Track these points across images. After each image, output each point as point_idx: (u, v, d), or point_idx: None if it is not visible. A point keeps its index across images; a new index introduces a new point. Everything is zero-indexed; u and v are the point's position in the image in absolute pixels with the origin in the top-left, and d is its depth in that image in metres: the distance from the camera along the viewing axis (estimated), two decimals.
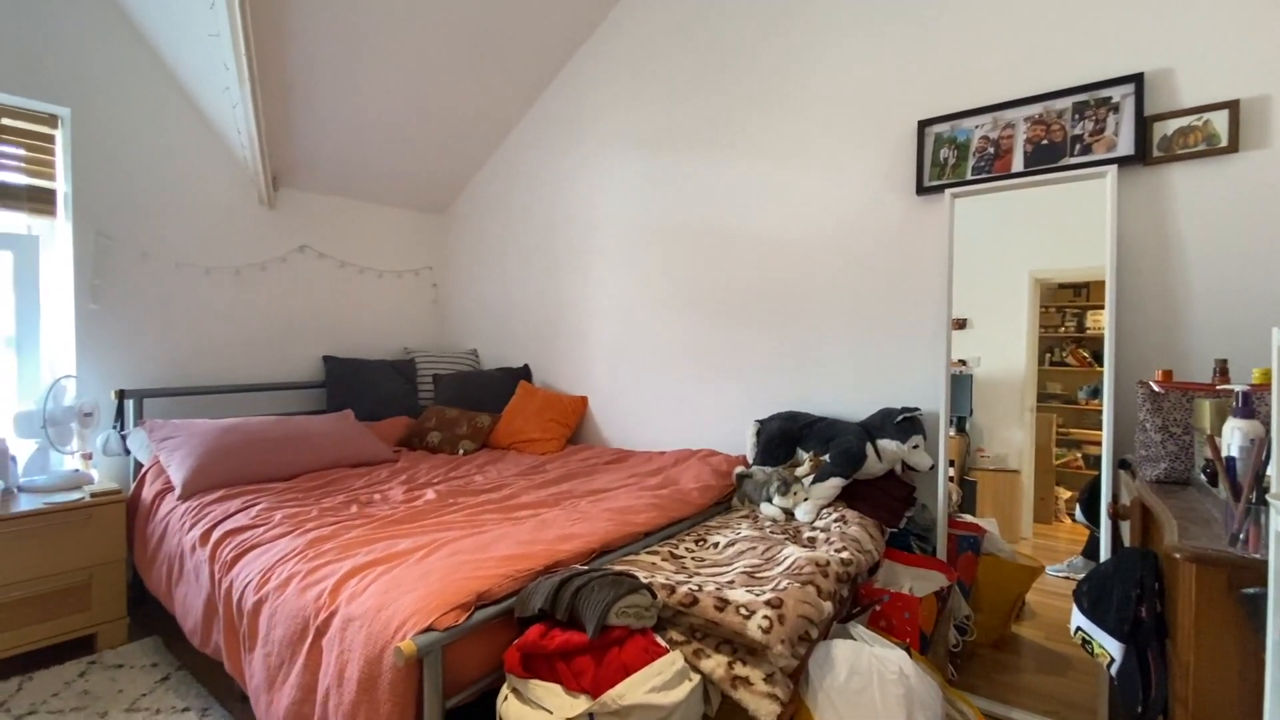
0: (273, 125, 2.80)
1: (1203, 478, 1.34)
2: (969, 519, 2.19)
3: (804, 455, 2.15)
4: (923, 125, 2.19)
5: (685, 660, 1.22)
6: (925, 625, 1.65)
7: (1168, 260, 1.83)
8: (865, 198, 2.35)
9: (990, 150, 2.06)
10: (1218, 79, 1.75)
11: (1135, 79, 1.83)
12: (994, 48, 2.09)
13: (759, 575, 1.50)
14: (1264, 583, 0.86)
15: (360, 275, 3.51)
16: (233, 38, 2.25)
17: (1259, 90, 1.70)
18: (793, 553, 1.59)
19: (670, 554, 1.67)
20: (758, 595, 1.32)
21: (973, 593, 2.07)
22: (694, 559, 1.67)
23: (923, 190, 2.19)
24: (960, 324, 2.18)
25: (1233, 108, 1.72)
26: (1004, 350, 2.23)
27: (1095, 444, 1.93)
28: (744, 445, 2.48)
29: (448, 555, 1.49)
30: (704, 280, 2.78)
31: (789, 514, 1.97)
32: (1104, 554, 1.79)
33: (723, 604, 1.27)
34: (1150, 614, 1.17)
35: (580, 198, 3.23)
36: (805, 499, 1.97)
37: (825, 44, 2.43)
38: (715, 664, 1.23)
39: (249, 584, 1.57)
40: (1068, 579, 2.13)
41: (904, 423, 2.06)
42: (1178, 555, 0.99)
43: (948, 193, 2.11)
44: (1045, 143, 1.97)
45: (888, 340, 2.30)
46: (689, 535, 1.84)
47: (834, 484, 1.98)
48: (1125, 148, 1.84)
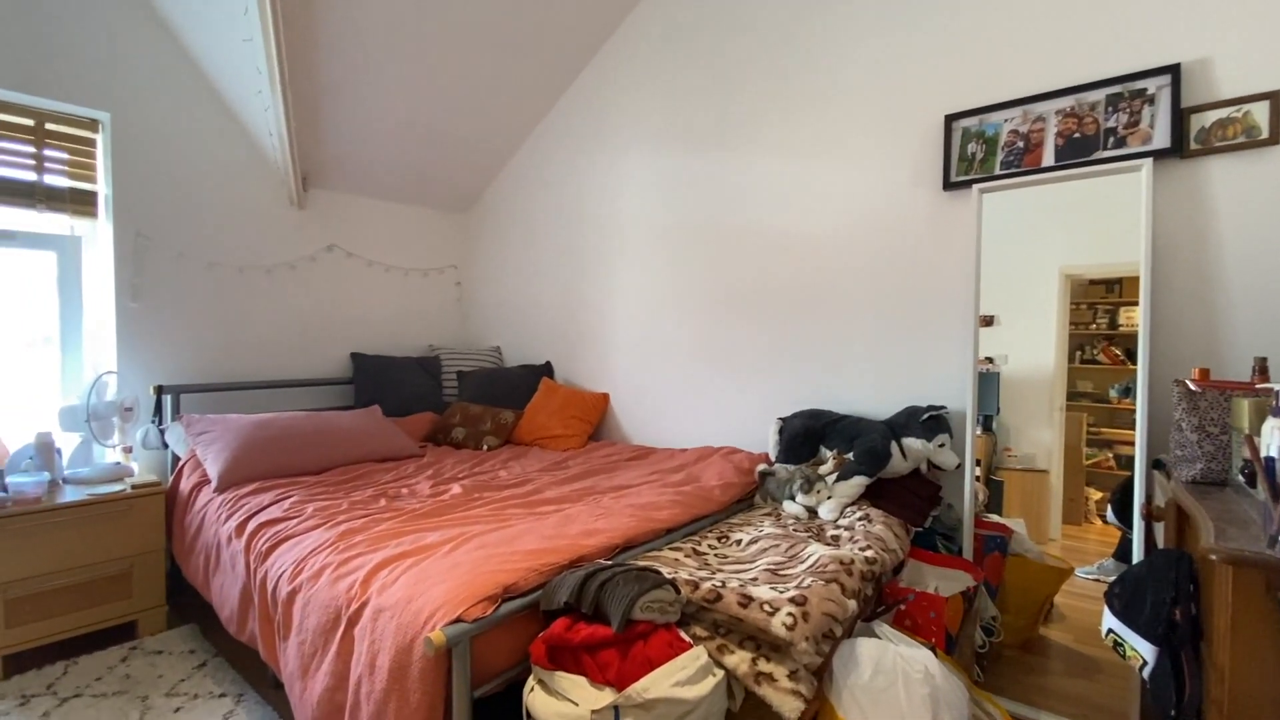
0: (302, 127, 2.86)
1: (1240, 479, 1.31)
2: (996, 519, 2.16)
3: (827, 453, 2.14)
4: (949, 119, 2.16)
5: (709, 656, 1.23)
6: (951, 625, 1.63)
7: (1205, 255, 1.78)
8: (890, 194, 2.32)
9: (1020, 144, 2.03)
10: (1258, 69, 1.70)
11: (1171, 70, 1.79)
12: (1023, 40, 2.05)
13: (782, 573, 1.50)
14: None
15: (387, 274, 3.57)
16: (264, 43, 2.31)
17: None
18: (816, 550, 1.59)
19: (693, 550, 1.68)
20: (781, 592, 1.32)
21: (1000, 594, 2.04)
22: (716, 556, 1.67)
23: (949, 186, 2.16)
24: (987, 321, 2.15)
25: (1273, 99, 1.67)
26: (1032, 348, 2.19)
27: (1128, 444, 1.89)
28: (766, 443, 2.47)
29: (475, 548, 1.52)
30: (726, 277, 2.78)
31: (812, 512, 1.97)
32: (1136, 556, 1.76)
33: (746, 600, 1.28)
34: (1185, 616, 1.15)
35: (602, 196, 3.25)
36: (829, 497, 1.96)
37: (849, 38, 2.41)
38: (739, 660, 1.24)
39: (283, 574, 1.61)
40: (1098, 581, 2.09)
41: (930, 421, 2.04)
42: (1214, 557, 0.97)
43: (975, 188, 2.08)
44: (1077, 136, 1.93)
45: (913, 338, 2.27)
46: (711, 532, 1.85)
47: (858, 482, 1.97)
48: (1161, 140, 1.80)
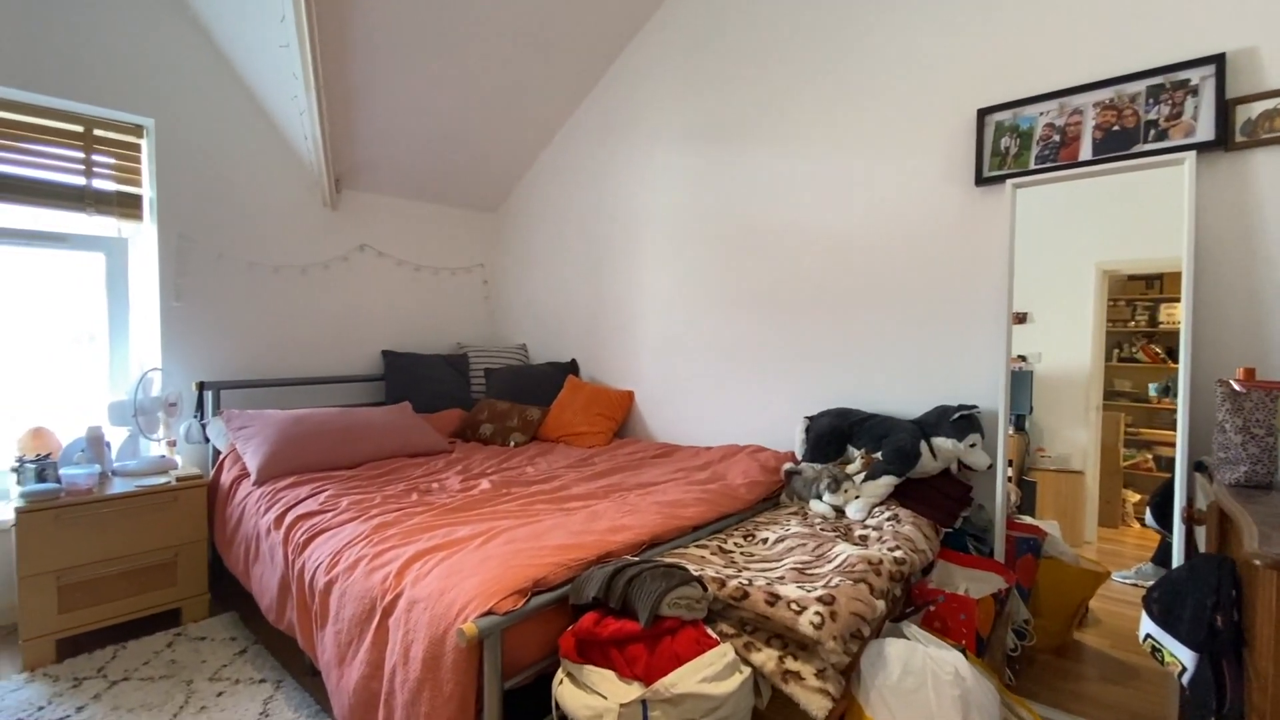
0: (336, 130, 2.93)
1: None
2: (1029, 521, 2.12)
3: (855, 452, 2.12)
4: (982, 113, 2.12)
5: (736, 653, 1.24)
6: (982, 628, 1.61)
7: (1251, 250, 1.72)
8: (920, 190, 2.29)
9: (1055, 138, 1.98)
10: None
11: (1216, 60, 1.73)
12: (1060, 31, 2.00)
13: (809, 572, 1.50)
14: None
15: (416, 273, 3.63)
16: (300, 48, 2.37)
17: None
18: (844, 550, 1.58)
19: (719, 548, 1.69)
20: (809, 591, 1.32)
21: (1032, 597, 2.01)
22: (743, 554, 1.68)
23: (982, 181, 2.12)
24: (1020, 318, 2.11)
25: None
26: (1067, 345, 2.14)
27: (1168, 445, 1.84)
28: (792, 442, 2.46)
29: (505, 543, 1.55)
30: (752, 274, 2.77)
31: (839, 511, 1.96)
32: (1176, 560, 1.71)
33: (774, 599, 1.28)
34: (1227, 623, 1.12)
35: (628, 194, 3.26)
36: (856, 497, 1.95)
37: (880, 31, 2.37)
38: (766, 657, 1.24)
39: (320, 565, 1.66)
40: (1136, 586, 2.04)
41: (961, 420, 2.01)
42: (1258, 562, 0.95)
43: (1009, 183, 2.04)
44: (1116, 129, 1.88)
45: (944, 336, 2.24)
46: (737, 530, 1.85)
47: (886, 482, 1.95)
48: (1205, 133, 1.74)
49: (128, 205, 2.71)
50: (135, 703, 1.85)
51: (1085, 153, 1.93)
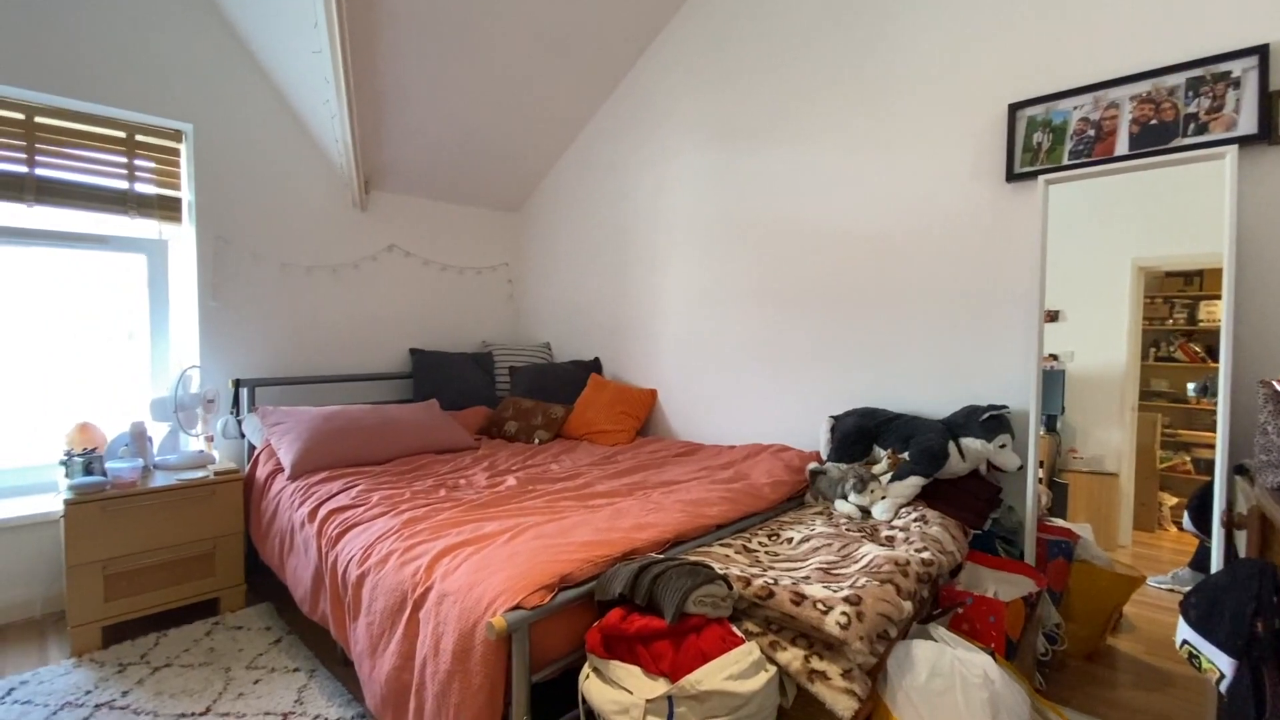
0: (365, 133, 2.99)
1: None
2: (1060, 523, 2.08)
3: (881, 453, 2.10)
4: (1014, 108, 2.08)
5: (761, 651, 1.24)
6: (1011, 631, 1.59)
7: None
8: (949, 186, 2.25)
9: (1090, 133, 1.94)
10: None
11: (1259, 50, 1.67)
12: (1095, 22, 1.95)
13: (835, 572, 1.49)
14: None
15: (442, 272, 3.69)
16: (332, 54, 2.42)
17: None
18: (870, 551, 1.57)
19: (743, 547, 1.69)
20: (835, 591, 1.32)
21: (1064, 601, 1.97)
22: (767, 553, 1.68)
23: (1013, 177, 2.09)
24: (1052, 316, 2.07)
25: None
26: (1101, 344, 2.09)
27: (1207, 447, 1.79)
28: (817, 441, 2.45)
29: (532, 539, 1.57)
30: (776, 273, 2.76)
31: (865, 512, 1.94)
32: (1215, 565, 1.67)
33: (799, 598, 1.28)
34: (1268, 629, 1.09)
35: (650, 192, 3.27)
36: (883, 497, 1.93)
37: (906, 24, 2.34)
38: (792, 656, 1.24)
39: (352, 559, 1.71)
40: (1172, 591, 1.99)
41: (990, 420, 1.98)
42: None
43: (1041, 179, 2.00)
44: (1154, 123, 1.83)
45: (973, 334, 2.21)
46: (761, 530, 1.85)
47: (913, 483, 1.93)
48: (1247, 126, 1.69)
49: (168, 208, 2.80)
50: (177, 688, 1.92)
51: (1122, 147, 1.88)
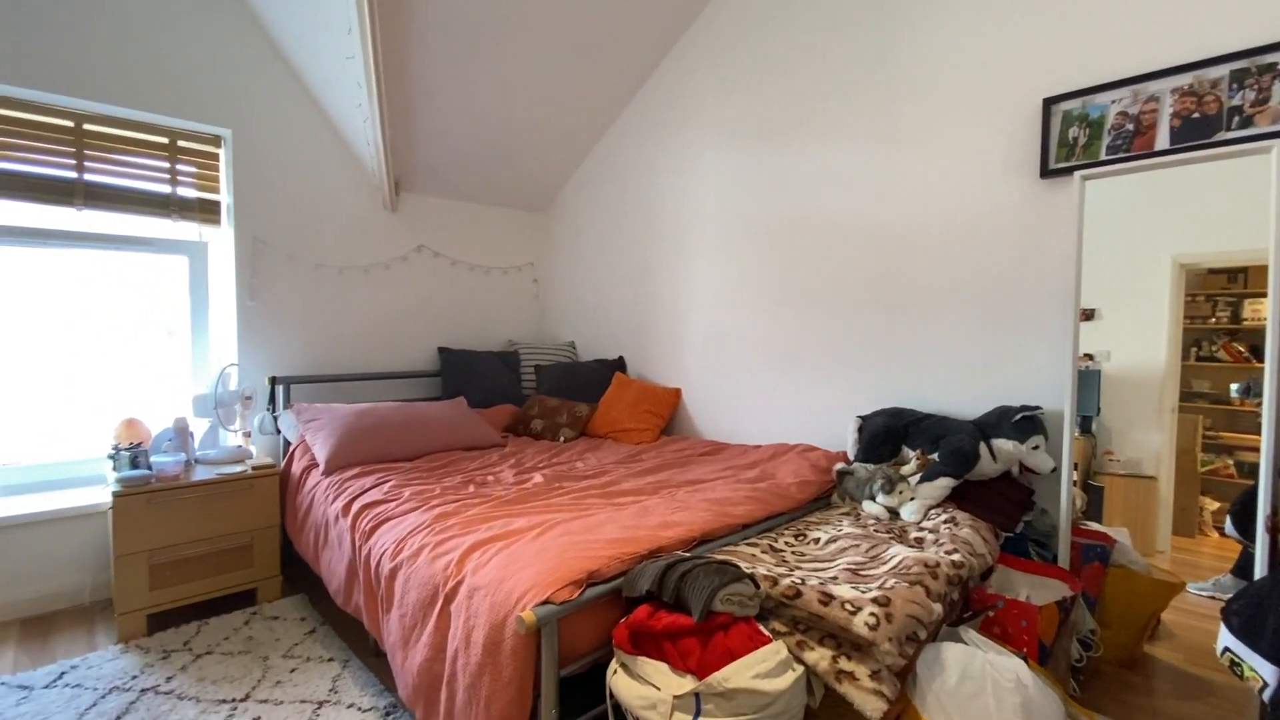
0: (396, 136, 3.05)
1: None
2: (1096, 527, 2.04)
3: (910, 453, 2.08)
4: (1048, 102, 2.04)
5: (789, 651, 1.25)
6: (1044, 636, 1.56)
7: None
8: (981, 183, 2.22)
9: (1129, 127, 1.89)
10: None
11: None
12: (1133, 13, 1.90)
13: (863, 573, 1.49)
14: None
15: (470, 272, 3.75)
16: (364, 60, 2.47)
17: None
18: (899, 552, 1.56)
19: (770, 547, 1.69)
20: (863, 592, 1.32)
21: (1099, 606, 1.93)
22: (794, 553, 1.67)
23: (1047, 173, 2.04)
24: (1088, 315, 2.03)
25: None
26: (1139, 343, 2.04)
27: (1251, 449, 1.74)
28: (844, 441, 2.43)
29: (559, 535, 1.60)
30: (803, 271, 2.74)
31: (893, 513, 1.93)
32: (1259, 571, 1.62)
33: (827, 598, 1.28)
34: None
35: (675, 191, 3.27)
36: (911, 498, 1.91)
37: (937, 17, 2.30)
38: (819, 656, 1.24)
39: (385, 552, 1.75)
40: (1213, 598, 1.94)
41: (1023, 421, 1.94)
42: None
43: (1077, 175, 1.96)
44: (1196, 116, 1.78)
45: (1005, 334, 2.17)
46: (788, 530, 1.85)
47: (943, 484, 1.91)
48: None
49: (207, 211, 2.89)
50: (218, 675, 1.99)
51: (1162, 142, 1.83)
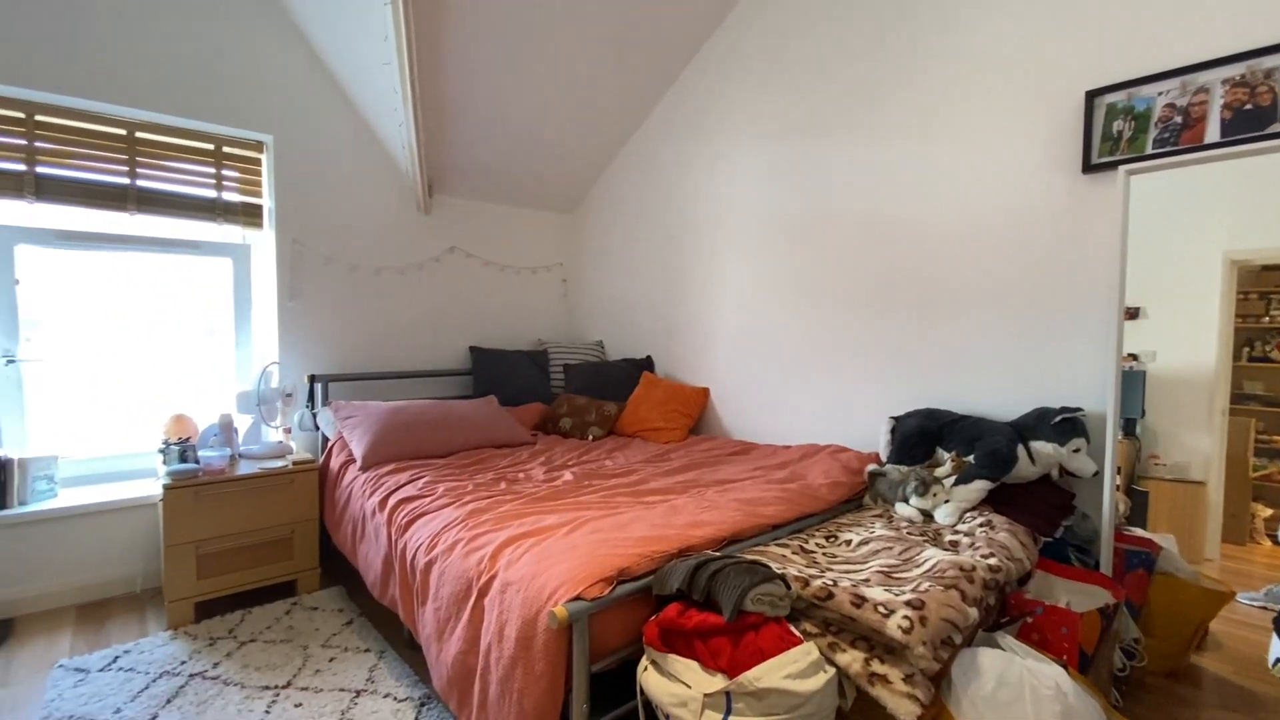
0: (430, 139, 3.11)
1: None
2: (1140, 533, 1.98)
3: (944, 455, 2.05)
4: (1091, 95, 1.98)
5: (820, 652, 1.24)
6: (1085, 644, 1.52)
7: None
8: (1020, 178, 2.16)
9: (1177, 120, 1.83)
10: None
11: None
12: (1180, 1, 1.84)
13: (896, 575, 1.47)
14: None
15: (500, 272, 3.80)
16: (399, 65, 2.53)
17: None
18: (934, 555, 1.54)
19: (800, 548, 1.68)
20: (897, 595, 1.30)
21: (1144, 615, 1.87)
22: (825, 555, 1.66)
23: (1090, 168, 1.99)
24: (1132, 314, 1.97)
25: None
26: (1187, 343, 1.98)
27: None
28: (876, 442, 2.40)
29: (590, 532, 1.61)
30: (835, 270, 2.71)
31: (927, 516, 1.90)
32: None
33: (860, 600, 1.27)
34: None
35: (705, 190, 3.26)
36: (946, 501, 1.88)
37: (975, 8, 2.25)
38: (851, 659, 1.23)
39: (420, 546, 1.79)
40: (1264, 609, 1.87)
41: (1063, 423, 1.89)
42: None
43: (1122, 169, 1.90)
44: (1249, 108, 1.71)
45: (1045, 333, 2.12)
46: (818, 531, 1.83)
47: (979, 487, 1.87)
48: None
49: (250, 214, 2.99)
50: (261, 662, 2.06)
51: (1212, 134, 1.77)
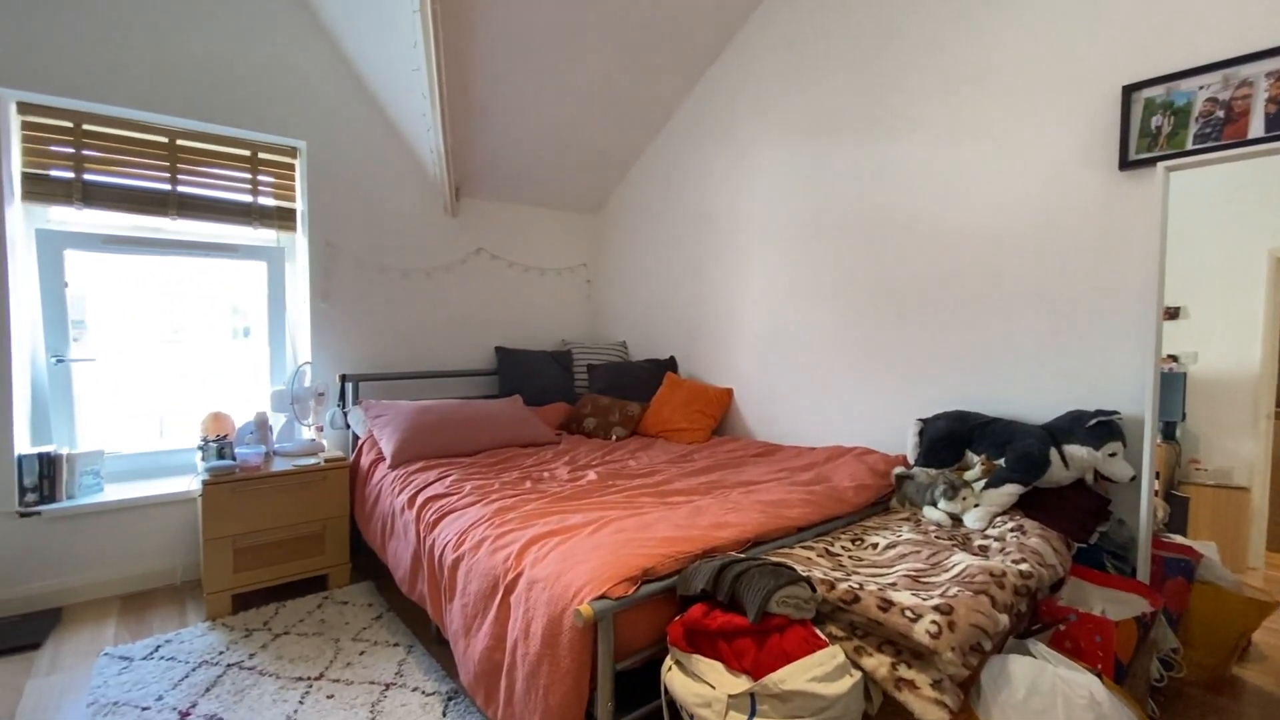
0: (457, 143, 3.16)
1: None
2: (1179, 540, 1.92)
3: (974, 458, 2.01)
4: (1128, 90, 1.93)
5: (846, 656, 1.23)
6: (1121, 653, 1.49)
7: None
8: (1054, 176, 2.11)
9: (1219, 114, 1.77)
10: None
11: None
12: None
13: (924, 580, 1.45)
14: None
15: (525, 274, 3.84)
16: (428, 71, 2.57)
17: None
18: (963, 560, 1.51)
19: (826, 550, 1.66)
20: (925, 600, 1.28)
21: (1183, 624, 1.82)
22: (851, 558, 1.65)
23: (1127, 165, 1.93)
24: (1172, 313, 1.91)
25: None
26: (1230, 344, 1.91)
27: None
28: (903, 445, 2.37)
29: (614, 532, 1.62)
30: (861, 270, 2.68)
31: (956, 520, 1.87)
32: None
33: (886, 604, 1.26)
34: None
35: (729, 191, 3.25)
36: (975, 505, 1.85)
37: (1006, 6, 2.21)
38: (878, 663, 1.22)
39: (448, 543, 1.82)
40: None
41: (1098, 427, 1.84)
42: None
43: (1160, 166, 1.84)
44: None
45: (1079, 334, 2.06)
46: (844, 534, 1.82)
47: (1010, 490, 1.84)
48: None
49: (284, 218, 3.07)
50: (295, 654, 2.12)
51: (1256, 129, 1.71)
